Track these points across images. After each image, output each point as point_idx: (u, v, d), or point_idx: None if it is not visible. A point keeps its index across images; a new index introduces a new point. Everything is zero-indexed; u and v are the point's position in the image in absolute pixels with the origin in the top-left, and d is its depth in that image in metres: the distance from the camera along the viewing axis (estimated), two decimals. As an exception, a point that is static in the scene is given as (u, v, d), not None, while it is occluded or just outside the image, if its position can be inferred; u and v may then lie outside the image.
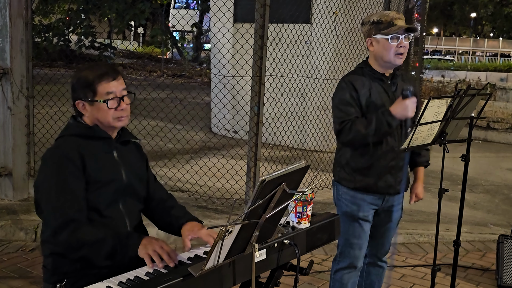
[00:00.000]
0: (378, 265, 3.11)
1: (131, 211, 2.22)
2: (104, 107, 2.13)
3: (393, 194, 2.88)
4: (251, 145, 4.81)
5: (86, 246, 1.99)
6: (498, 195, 6.50)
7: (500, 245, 3.96)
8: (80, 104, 2.16)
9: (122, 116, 2.16)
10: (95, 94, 2.13)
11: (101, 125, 2.18)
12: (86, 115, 2.17)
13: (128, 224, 2.19)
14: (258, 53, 4.72)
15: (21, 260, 4.05)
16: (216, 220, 4.74)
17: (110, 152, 2.20)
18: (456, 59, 45.36)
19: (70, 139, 2.14)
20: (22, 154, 5.01)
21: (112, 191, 2.14)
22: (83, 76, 2.15)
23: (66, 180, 2.04)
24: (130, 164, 2.25)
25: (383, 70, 2.78)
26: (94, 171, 2.10)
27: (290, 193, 1.84)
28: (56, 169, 2.06)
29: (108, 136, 2.19)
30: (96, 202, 2.10)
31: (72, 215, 2.01)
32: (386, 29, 2.67)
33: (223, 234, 1.64)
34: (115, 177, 2.16)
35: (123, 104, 2.16)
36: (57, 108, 5.80)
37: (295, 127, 7.52)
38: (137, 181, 2.26)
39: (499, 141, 10.31)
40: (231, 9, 8.02)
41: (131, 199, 2.22)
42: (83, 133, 2.16)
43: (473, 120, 2.89)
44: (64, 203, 2.02)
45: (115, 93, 2.14)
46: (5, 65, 4.79)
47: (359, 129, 2.62)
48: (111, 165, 2.17)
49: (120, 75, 2.18)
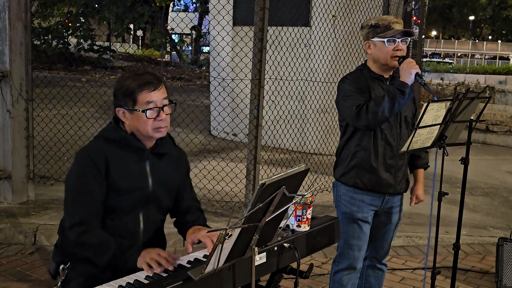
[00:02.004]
0: (378, 267, 3.12)
1: (151, 220, 2.23)
2: (143, 116, 2.10)
3: (392, 194, 2.90)
4: (250, 148, 4.81)
5: (89, 250, 2.05)
6: (497, 198, 6.50)
7: (500, 248, 3.96)
8: (120, 112, 2.15)
9: (161, 126, 2.13)
10: (135, 103, 2.11)
11: (139, 134, 2.16)
12: (126, 122, 2.16)
13: (142, 233, 2.20)
14: (257, 56, 4.72)
15: (20, 263, 4.04)
16: (216, 223, 4.74)
17: (141, 163, 2.18)
18: (455, 61, 45.42)
19: (103, 143, 2.15)
20: (21, 157, 5.00)
21: (134, 199, 2.15)
22: (125, 84, 2.13)
23: (88, 181, 2.07)
24: (163, 176, 2.23)
25: (382, 72, 2.83)
26: (118, 178, 2.10)
27: (290, 197, 1.85)
28: (81, 169, 2.09)
29: (141, 147, 2.17)
30: (116, 207, 2.12)
31: (85, 218, 2.06)
32: (383, 32, 2.73)
33: (223, 238, 1.64)
34: (140, 186, 2.16)
35: (162, 115, 2.12)
36: (57, 111, 5.81)
37: (295, 130, 7.52)
38: (165, 193, 2.25)
39: (498, 143, 10.31)
40: (231, 12, 8.02)
41: (153, 209, 2.23)
42: (117, 140, 2.15)
43: (472, 123, 2.90)
44: (81, 204, 2.07)
45: (155, 102, 2.11)
46: (5, 68, 4.79)
47: (375, 106, 2.63)
48: (139, 175, 2.16)
49: (162, 84, 2.16)
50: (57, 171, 5.56)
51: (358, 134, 2.80)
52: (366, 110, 2.64)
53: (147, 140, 2.18)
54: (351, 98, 2.72)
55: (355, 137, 2.82)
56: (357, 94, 2.73)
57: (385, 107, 2.61)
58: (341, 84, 2.81)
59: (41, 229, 4.43)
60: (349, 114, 2.72)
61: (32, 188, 5.12)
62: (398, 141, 2.81)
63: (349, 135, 2.84)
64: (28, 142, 5.04)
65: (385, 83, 2.80)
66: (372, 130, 2.75)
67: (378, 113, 2.61)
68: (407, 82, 2.65)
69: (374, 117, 2.63)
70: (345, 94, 2.76)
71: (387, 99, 2.61)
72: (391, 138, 2.80)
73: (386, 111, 2.61)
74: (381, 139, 2.79)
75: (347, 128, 2.85)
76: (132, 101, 2.11)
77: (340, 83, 2.82)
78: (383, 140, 2.79)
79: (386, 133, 2.79)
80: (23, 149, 5.01)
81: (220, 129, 8.43)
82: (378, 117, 2.63)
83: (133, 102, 2.11)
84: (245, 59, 6.28)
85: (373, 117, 2.63)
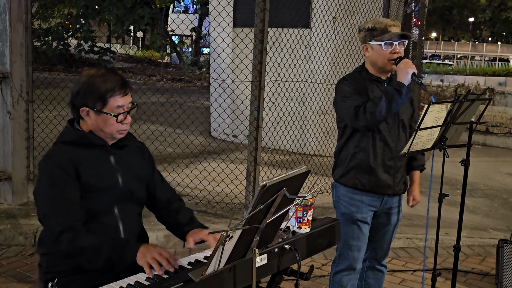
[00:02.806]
0: (377, 269, 3.12)
1: (128, 215, 2.21)
2: (112, 120, 2.11)
3: (391, 195, 2.91)
4: (250, 150, 4.82)
5: (83, 254, 2.00)
6: (497, 200, 6.50)
7: (500, 250, 3.96)
8: (84, 111, 2.13)
9: (125, 129, 2.17)
10: (104, 106, 2.10)
11: (100, 133, 2.15)
12: (88, 121, 2.14)
13: (122, 229, 2.17)
14: (257, 58, 4.73)
15: (20, 264, 4.04)
16: (216, 224, 4.74)
17: (107, 158, 2.18)
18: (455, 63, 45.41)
19: (64, 147, 2.12)
20: (21, 158, 5.00)
21: (108, 197, 2.14)
22: (95, 85, 2.10)
23: (61, 189, 2.04)
24: (130, 167, 2.23)
25: (379, 74, 2.84)
26: (89, 179, 2.09)
27: (291, 198, 1.85)
28: (51, 178, 2.06)
29: (103, 144, 2.17)
30: (92, 209, 2.10)
31: (69, 223, 2.01)
32: (380, 35, 2.74)
33: (224, 239, 1.64)
34: (111, 183, 2.15)
35: (128, 118, 2.15)
36: (57, 112, 5.80)
37: (295, 131, 7.53)
38: (136, 184, 2.24)
39: (498, 145, 10.32)
40: (231, 14, 8.03)
41: (128, 203, 2.21)
42: (77, 141, 2.14)
43: (473, 125, 2.90)
44: (60, 212, 2.02)
45: (124, 107, 2.13)
46: (5, 69, 4.79)
47: (372, 106, 2.64)
48: (107, 172, 2.16)
49: (129, 88, 2.17)
50: (57, 172, 5.55)
51: (357, 135, 2.81)
52: (364, 110, 2.65)
53: (109, 139, 2.19)
54: (349, 99, 2.73)
55: (354, 138, 2.83)
56: (355, 95, 2.74)
57: (382, 107, 2.62)
58: (339, 86, 2.82)
59: (41, 230, 4.42)
60: (348, 115, 2.73)
61: (32, 189, 5.11)
62: (397, 142, 2.82)
63: (347, 137, 2.85)
64: (28, 144, 5.04)
65: (383, 85, 2.82)
66: (370, 130, 2.76)
67: (376, 113, 2.63)
68: (404, 82, 2.66)
69: (372, 117, 2.64)
70: (343, 96, 2.77)
71: (384, 99, 2.62)
72: (389, 139, 2.81)
73: (383, 111, 2.63)
74: (380, 141, 2.80)
75: (346, 129, 2.86)
76: (101, 103, 2.10)
77: (338, 85, 2.83)
78: (382, 142, 2.80)
79: (384, 135, 2.80)
80: (23, 150, 5.01)
81: (220, 131, 8.43)
82: (376, 117, 2.64)
83: (102, 104, 2.10)
84: (245, 61, 6.29)
85: (371, 117, 2.64)
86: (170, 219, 2.35)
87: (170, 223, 2.35)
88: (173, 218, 2.33)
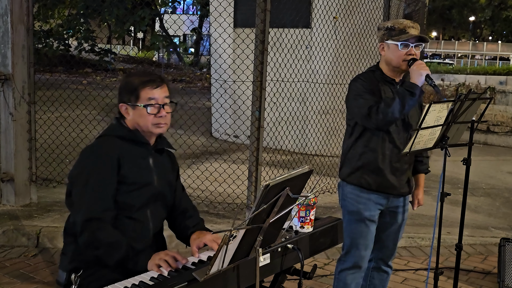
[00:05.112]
0: (383, 270, 3.13)
1: (157, 217, 2.28)
2: (144, 112, 2.19)
3: (396, 196, 2.92)
4: (252, 150, 4.82)
5: (101, 248, 2.05)
6: (499, 198, 6.51)
7: (502, 249, 3.97)
8: (123, 107, 2.23)
9: (160, 123, 2.22)
10: (137, 99, 2.19)
11: (140, 130, 2.23)
12: (128, 118, 2.23)
13: (152, 229, 2.24)
14: (259, 58, 4.73)
15: (23, 265, 4.05)
16: (218, 224, 4.75)
17: (146, 158, 2.25)
18: (455, 62, 45.36)
19: (111, 140, 2.21)
20: (24, 159, 5.01)
21: (144, 195, 2.20)
22: (129, 80, 2.23)
23: (101, 178, 2.10)
24: (164, 171, 2.31)
25: (393, 75, 2.84)
26: (129, 174, 2.16)
27: (294, 198, 1.86)
28: (94, 166, 2.12)
29: (146, 142, 2.26)
30: (127, 203, 2.16)
31: (99, 213, 2.07)
32: (397, 36, 2.75)
33: (227, 239, 1.65)
34: (148, 182, 2.22)
35: (163, 112, 2.21)
36: (59, 114, 5.83)
37: (296, 131, 7.53)
38: (167, 188, 2.32)
39: (499, 144, 10.31)
40: (232, 15, 8.04)
41: (159, 204, 2.28)
42: (125, 136, 2.22)
43: (474, 124, 2.91)
44: (94, 200, 2.08)
45: (157, 100, 2.20)
46: (7, 71, 4.80)
47: (385, 107, 2.65)
48: (146, 170, 2.23)
49: (165, 83, 2.25)
50: (59, 173, 5.57)
51: (367, 135, 2.82)
52: (376, 111, 2.66)
53: (148, 136, 2.26)
54: (362, 98, 2.74)
55: (363, 138, 2.84)
56: (368, 94, 2.75)
57: (395, 108, 2.63)
58: (353, 83, 2.83)
59: (44, 231, 4.44)
60: (359, 113, 2.74)
61: (34, 190, 5.13)
62: (405, 144, 2.80)
63: (357, 136, 2.86)
64: (30, 145, 5.05)
65: (396, 87, 2.82)
66: (381, 130, 2.77)
67: (388, 113, 2.64)
68: (418, 83, 2.67)
69: (384, 117, 2.65)
70: (356, 93, 2.78)
71: (397, 100, 2.64)
72: (398, 141, 2.82)
73: (396, 111, 2.64)
74: (389, 142, 2.81)
75: (355, 128, 2.86)
76: (135, 97, 2.20)
77: (352, 82, 2.84)
78: (391, 143, 2.81)
79: (394, 137, 2.81)
80: (25, 151, 5.02)
81: (221, 131, 8.44)
82: (388, 117, 2.65)
83: (135, 98, 2.20)
84: (246, 61, 6.29)
85: (383, 118, 2.65)
86: (181, 226, 2.39)
87: (180, 229, 2.39)
88: (184, 224, 2.38)
